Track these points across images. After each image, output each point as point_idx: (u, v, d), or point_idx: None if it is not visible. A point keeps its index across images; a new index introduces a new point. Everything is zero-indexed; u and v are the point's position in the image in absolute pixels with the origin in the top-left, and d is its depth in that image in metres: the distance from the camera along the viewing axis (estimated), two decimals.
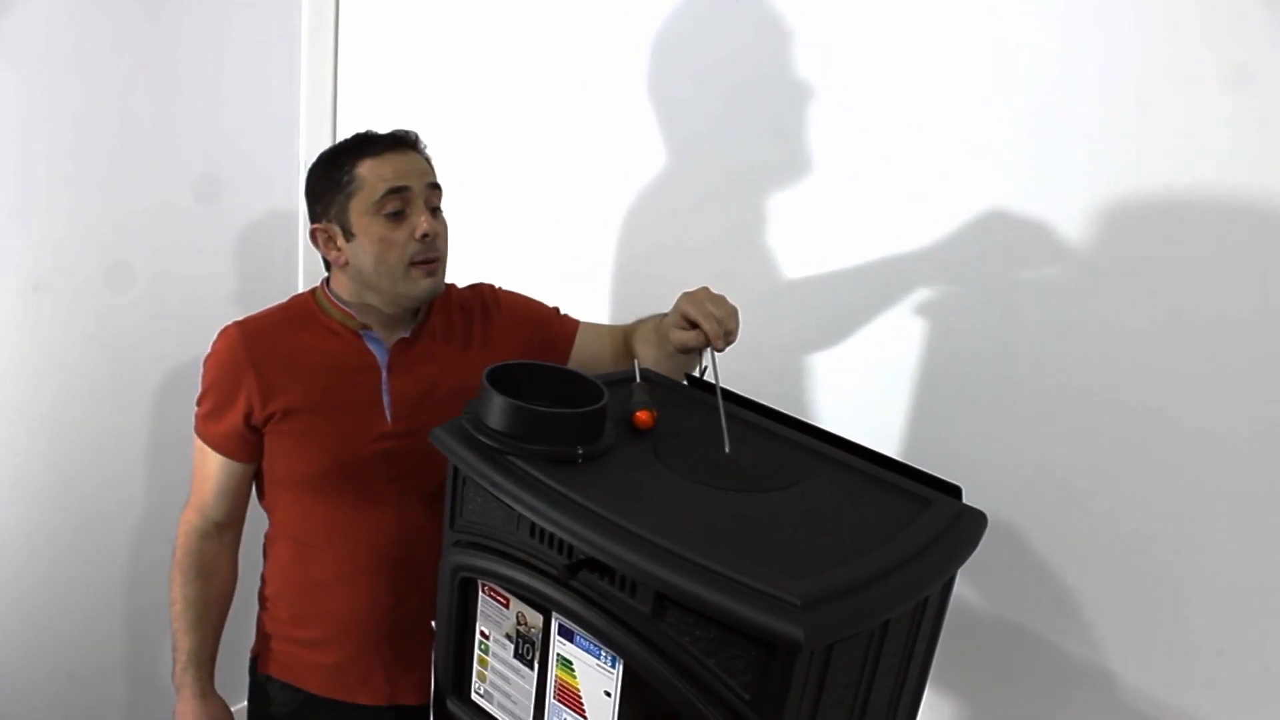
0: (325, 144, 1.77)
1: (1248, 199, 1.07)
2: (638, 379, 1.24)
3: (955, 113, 1.28)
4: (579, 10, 1.69)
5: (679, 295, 1.30)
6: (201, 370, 1.37)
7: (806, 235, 1.45)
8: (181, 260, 1.95)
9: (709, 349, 1.24)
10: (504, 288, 1.51)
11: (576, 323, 1.50)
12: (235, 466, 1.38)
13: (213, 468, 1.38)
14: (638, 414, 1.12)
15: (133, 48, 1.77)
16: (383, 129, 1.35)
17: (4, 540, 1.84)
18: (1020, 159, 1.23)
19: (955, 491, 1.06)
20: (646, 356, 1.37)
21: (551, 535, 0.97)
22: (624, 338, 1.46)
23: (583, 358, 1.46)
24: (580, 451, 1.03)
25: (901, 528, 0.97)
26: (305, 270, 2.13)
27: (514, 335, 1.45)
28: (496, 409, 1.04)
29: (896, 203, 1.35)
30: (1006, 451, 1.29)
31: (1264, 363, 1.09)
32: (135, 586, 2.06)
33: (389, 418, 1.35)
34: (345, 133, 1.39)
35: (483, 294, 1.48)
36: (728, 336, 1.24)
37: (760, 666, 0.85)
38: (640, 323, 1.44)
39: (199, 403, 1.37)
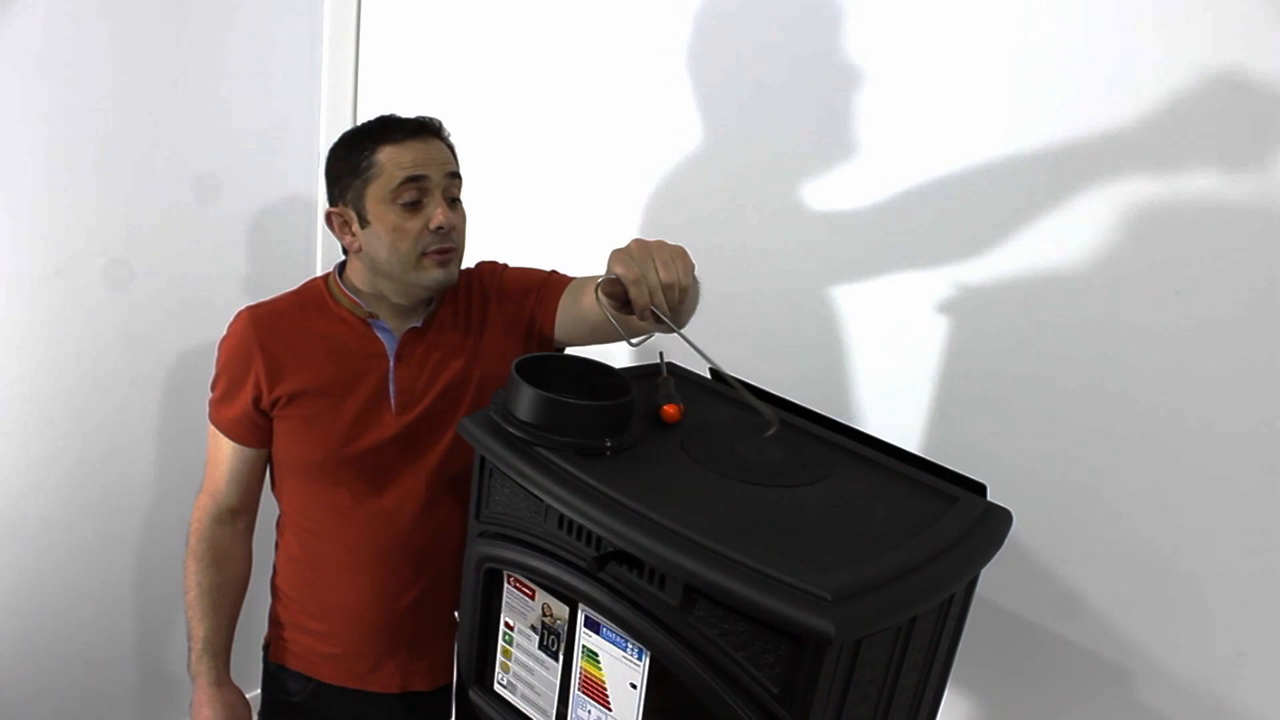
0: None
1: (1254, 200, 1.07)
2: (664, 373, 1.24)
3: (976, 112, 1.28)
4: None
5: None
6: (216, 354, 1.37)
7: (829, 233, 1.45)
8: (202, 250, 1.96)
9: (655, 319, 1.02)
10: (508, 265, 1.46)
11: (565, 280, 1.39)
12: (246, 452, 1.37)
13: (225, 453, 1.37)
14: (665, 407, 1.13)
15: (151, 39, 1.77)
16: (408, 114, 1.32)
17: (23, 526, 1.85)
18: (1040, 159, 1.23)
19: (980, 489, 1.06)
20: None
21: (580, 527, 0.97)
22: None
23: (568, 315, 1.36)
24: (608, 444, 1.03)
25: (928, 524, 0.98)
26: (324, 261, 2.14)
27: (514, 315, 1.40)
28: (525, 400, 1.04)
29: (919, 203, 1.35)
30: (1028, 450, 1.29)
31: None
32: (152, 573, 2.07)
33: (394, 407, 1.34)
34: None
35: (484, 276, 1.43)
36: (666, 292, 1.01)
37: (789, 660, 0.85)
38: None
39: (213, 387, 1.37)
